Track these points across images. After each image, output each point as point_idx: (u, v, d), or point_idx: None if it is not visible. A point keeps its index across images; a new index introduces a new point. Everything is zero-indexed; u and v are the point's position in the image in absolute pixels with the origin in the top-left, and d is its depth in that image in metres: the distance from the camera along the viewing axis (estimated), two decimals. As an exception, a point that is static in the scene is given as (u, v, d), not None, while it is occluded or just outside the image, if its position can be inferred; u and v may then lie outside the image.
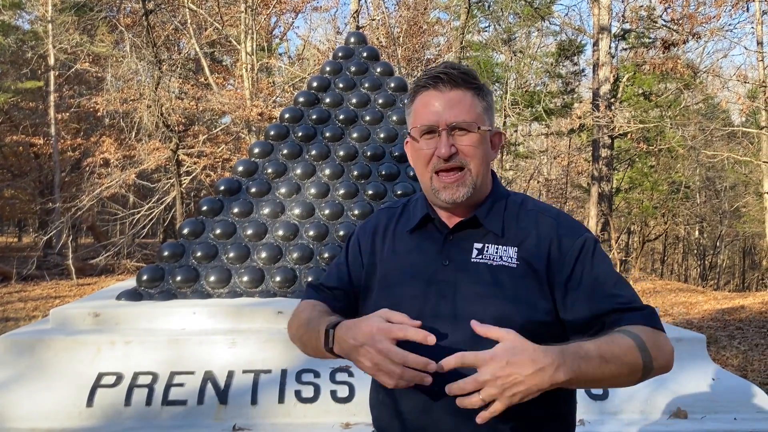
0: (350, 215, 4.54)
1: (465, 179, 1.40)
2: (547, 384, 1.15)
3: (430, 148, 1.40)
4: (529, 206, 1.50)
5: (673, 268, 29.33)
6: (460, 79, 1.40)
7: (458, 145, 1.38)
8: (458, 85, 1.40)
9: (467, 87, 1.41)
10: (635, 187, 21.73)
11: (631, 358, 1.26)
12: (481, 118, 1.41)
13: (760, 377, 6.52)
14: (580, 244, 1.42)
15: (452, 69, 1.41)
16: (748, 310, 11.15)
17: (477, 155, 1.40)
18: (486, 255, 1.41)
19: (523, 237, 1.43)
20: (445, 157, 1.37)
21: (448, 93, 1.39)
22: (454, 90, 1.39)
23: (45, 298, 12.44)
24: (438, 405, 1.35)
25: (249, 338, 3.56)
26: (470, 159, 1.39)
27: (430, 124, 1.39)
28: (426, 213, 1.49)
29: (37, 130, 20.13)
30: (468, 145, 1.39)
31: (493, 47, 21.89)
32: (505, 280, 1.38)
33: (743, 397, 3.45)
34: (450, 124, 1.38)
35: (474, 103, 1.41)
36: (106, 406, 3.24)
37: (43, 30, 18.73)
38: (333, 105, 5.17)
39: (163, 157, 14.95)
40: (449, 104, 1.38)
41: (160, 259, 4.27)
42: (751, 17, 13.89)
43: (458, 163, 1.39)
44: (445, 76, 1.39)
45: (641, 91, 20.55)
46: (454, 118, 1.38)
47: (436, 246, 1.46)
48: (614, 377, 1.25)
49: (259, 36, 17.83)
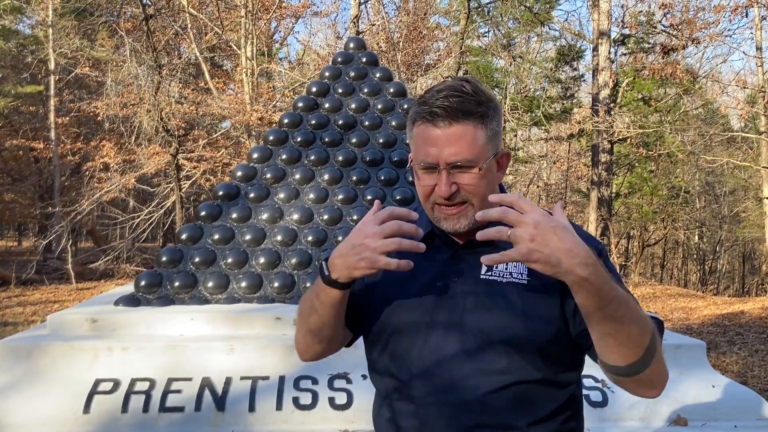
0: (349, 220, 4.53)
1: (467, 212, 1.35)
2: (566, 268, 1.11)
3: (430, 184, 1.35)
4: None
5: (673, 273, 29.32)
6: (460, 113, 1.31)
7: (459, 182, 1.33)
8: (458, 119, 1.31)
9: (468, 119, 1.31)
10: (635, 192, 21.72)
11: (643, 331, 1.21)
12: (484, 151, 1.34)
13: (761, 383, 6.50)
14: None
15: (454, 97, 1.31)
16: (748, 316, 11.14)
17: (479, 192, 1.34)
18: (495, 272, 1.37)
19: None
20: (445, 196, 1.32)
21: (447, 129, 1.31)
22: (454, 125, 1.31)
23: (44, 302, 12.42)
24: (437, 419, 1.33)
25: (247, 344, 3.55)
26: (472, 195, 1.34)
27: (430, 162, 1.33)
28: (430, 230, 1.43)
29: (37, 134, 20.15)
30: (469, 184, 1.33)
31: (493, 52, 21.90)
32: (515, 297, 1.34)
33: (744, 404, 3.43)
34: (450, 163, 1.31)
35: (476, 136, 1.32)
36: (103, 412, 3.22)
37: (44, 34, 18.77)
38: (332, 110, 5.17)
39: (163, 161, 14.95)
40: (448, 142, 1.30)
41: (158, 264, 4.26)
42: (750, 23, 13.92)
43: (459, 200, 1.35)
44: (443, 111, 1.30)
45: (641, 96, 20.56)
46: (453, 158, 1.30)
47: (444, 261, 1.42)
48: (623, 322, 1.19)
49: (259, 41, 17.85)
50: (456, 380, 1.31)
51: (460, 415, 1.31)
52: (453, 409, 1.31)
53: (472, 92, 1.32)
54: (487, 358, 1.31)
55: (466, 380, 1.31)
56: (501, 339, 1.31)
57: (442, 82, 1.38)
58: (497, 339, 1.31)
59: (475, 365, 1.31)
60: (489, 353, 1.31)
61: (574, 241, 1.12)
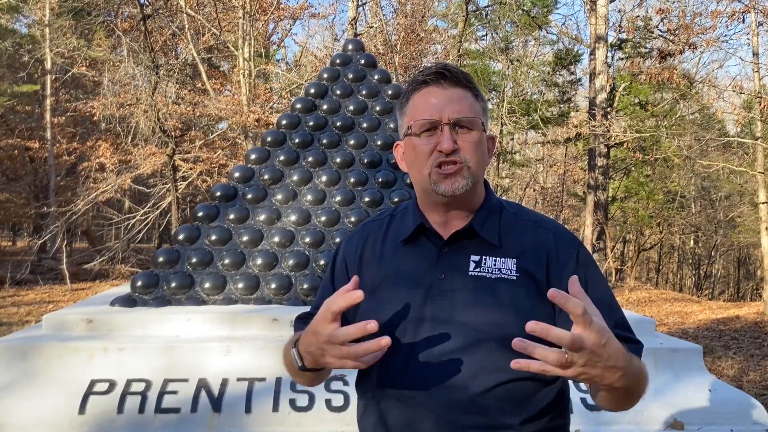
0: (347, 222, 4.52)
1: (464, 171, 1.35)
2: (608, 382, 1.12)
3: (430, 144, 1.36)
4: (525, 216, 1.46)
5: (669, 277, 29.39)
6: (462, 78, 1.38)
7: (460, 142, 1.35)
8: (460, 83, 1.38)
9: (467, 87, 1.39)
10: (631, 196, 21.77)
11: (644, 388, 1.28)
12: (480, 120, 1.39)
13: (756, 388, 6.52)
14: (576, 257, 1.39)
15: (452, 68, 1.39)
16: (743, 320, 11.17)
17: (477, 154, 1.37)
18: (484, 268, 1.36)
19: (522, 248, 1.38)
20: (447, 151, 1.33)
21: (450, 89, 1.36)
22: (457, 87, 1.37)
23: (38, 302, 12.37)
24: (425, 418, 1.31)
25: (244, 346, 3.53)
26: (471, 156, 1.36)
27: (433, 119, 1.35)
28: (420, 223, 1.43)
29: (33, 133, 20.11)
30: (470, 142, 1.36)
31: (491, 56, 21.94)
32: (504, 292, 1.33)
33: (739, 408, 3.43)
34: (453, 119, 1.34)
35: (474, 102, 1.39)
36: (98, 413, 3.20)
37: (41, 34, 18.74)
38: (330, 112, 5.16)
39: (160, 162, 14.93)
40: (452, 100, 1.35)
41: (155, 265, 4.25)
42: (746, 28, 13.97)
43: (459, 159, 1.35)
44: (448, 73, 1.37)
45: (637, 100, 20.63)
46: (457, 114, 1.35)
47: (431, 258, 1.40)
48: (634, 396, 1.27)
49: (257, 42, 17.85)
50: (447, 379, 1.29)
51: (452, 415, 1.29)
52: (444, 409, 1.29)
53: (463, 72, 1.40)
54: (478, 356, 1.29)
55: (457, 379, 1.29)
56: (493, 336, 1.29)
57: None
58: (489, 336, 1.30)
59: (466, 364, 1.29)
60: (480, 351, 1.29)
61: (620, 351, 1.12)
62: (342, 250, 1.57)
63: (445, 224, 1.42)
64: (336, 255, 1.59)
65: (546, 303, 1.32)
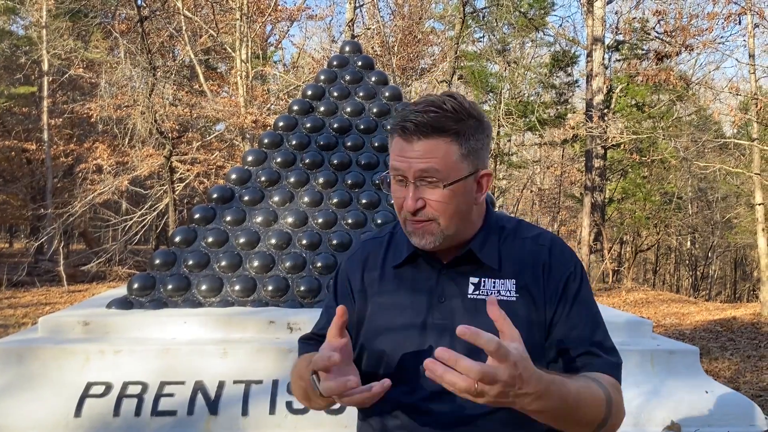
0: (344, 224, 4.52)
1: (432, 229, 1.32)
2: (522, 407, 1.10)
3: (401, 196, 1.33)
4: (524, 233, 1.44)
5: (665, 278, 29.43)
6: (431, 128, 1.27)
7: (426, 198, 1.30)
8: (428, 134, 1.28)
9: (441, 135, 1.28)
10: (628, 198, 21.80)
11: (595, 414, 1.23)
12: (457, 169, 1.30)
13: (753, 389, 6.52)
14: (570, 274, 1.39)
15: (430, 112, 1.28)
16: (740, 321, 11.19)
17: (447, 210, 1.31)
18: (483, 290, 1.35)
19: (520, 267, 1.38)
20: (410, 210, 1.30)
21: (417, 143, 1.28)
22: (423, 140, 1.28)
23: (35, 304, 12.33)
24: (425, 426, 1.31)
25: (240, 348, 3.53)
26: (439, 214, 1.31)
27: (399, 173, 1.31)
28: (413, 251, 1.40)
29: (30, 135, 20.06)
30: (435, 200, 1.30)
31: (488, 57, 21.97)
32: None
33: (737, 410, 3.44)
34: (416, 177, 1.29)
35: (449, 152, 1.28)
36: (94, 416, 3.20)
37: (38, 35, 18.69)
38: (327, 113, 5.16)
39: (157, 163, 14.91)
40: (417, 156, 1.28)
41: (152, 267, 4.24)
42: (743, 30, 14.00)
43: (424, 218, 1.31)
44: (413, 126, 1.27)
45: (634, 102, 20.66)
46: (420, 172, 1.28)
47: (431, 281, 1.39)
48: (572, 422, 1.21)
49: (254, 43, 17.84)
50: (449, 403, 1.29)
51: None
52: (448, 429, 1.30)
53: (451, 109, 1.29)
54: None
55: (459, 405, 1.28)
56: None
57: (426, 96, 1.36)
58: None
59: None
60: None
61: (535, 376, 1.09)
62: (344, 271, 1.54)
63: (440, 251, 1.40)
64: (338, 275, 1.56)
65: (544, 323, 1.34)
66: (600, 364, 1.33)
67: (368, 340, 1.41)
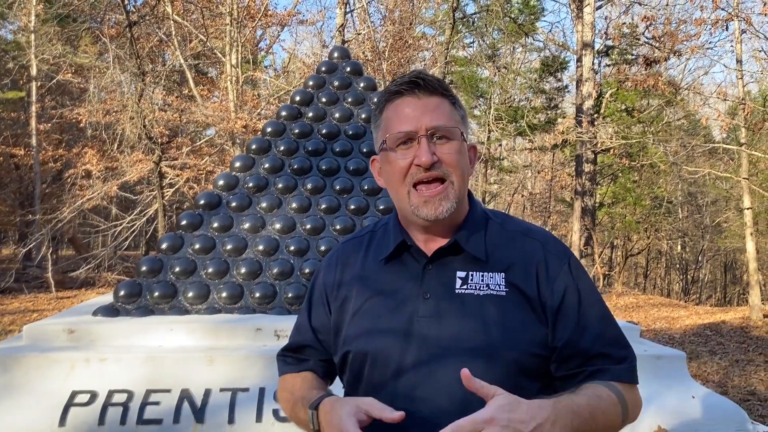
0: (332, 230, 4.51)
1: (447, 192, 1.26)
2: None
3: (407, 158, 1.27)
4: (512, 227, 1.39)
5: (656, 282, 29.58)
6: (438, 86, 1.30)
7: (439, 154, 1.26)
8: (436, 91, 1.29)
9: (444, 95, 1.30)
10: (618, 202, 21.91)
11: (614, 417, 1.24)
12: (459, 129, 1.30)
13: (740, 393, 6.55)
14: (566, 269, 1.34)
15: (426, 76, 1.30)
16: (729, 325, 11.25)
17: (460, 165, 1.28)
18: (471, 284, 1.30)
19: (510, 261, 1.32)
20: (426, 165, 1.24)
21: (425, 98, 1.28)
22: (433, 96, 1.29)
23: (23, 311, 12.24)
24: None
25: (227, 356, 3.50)
26: (453, 169, 1.27)
27: (408, 130, 1.26)
28: (402, 240, 1.35)
29: (18, 140, 19.92)
30: (450, 153, 1.26)
31: (478, 62, 22.05)
32: (492, 310, 1.28)
33: (723, 415, 3.44)
34: (430, 129, 1.25)
35: (452, 111, 1.30)
36: (79, 425, 3.16)
37: (26, 40, 18.59)
38: (316, 119, 5.15)
39: (146, 169, 14.84)
40: (427, 109, 1.26)
41: (138, 274, 4.21)
42: (730, 36, 14.12)
43: (440, 173, 1.26)
44: (422, 82, 1.28)
45: (624, 107, 20.79)
46: (434, 123, 1.26)
47: (415, 277, 1.34)
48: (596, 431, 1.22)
49: (245, 48, 17.81)
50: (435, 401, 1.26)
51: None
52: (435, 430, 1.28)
53: (438, 80, 1.32)
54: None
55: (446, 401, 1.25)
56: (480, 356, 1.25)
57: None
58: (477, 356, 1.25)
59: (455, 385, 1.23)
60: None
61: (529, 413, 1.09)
62: (321, 276, 1.52)
63: (428, 241, 1.35)
64: (315, 281, 1.53)
65: (541, 319, 1.29)
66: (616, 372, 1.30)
67: (351, 342, 1.37)
